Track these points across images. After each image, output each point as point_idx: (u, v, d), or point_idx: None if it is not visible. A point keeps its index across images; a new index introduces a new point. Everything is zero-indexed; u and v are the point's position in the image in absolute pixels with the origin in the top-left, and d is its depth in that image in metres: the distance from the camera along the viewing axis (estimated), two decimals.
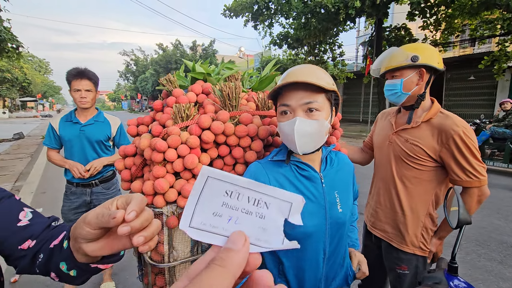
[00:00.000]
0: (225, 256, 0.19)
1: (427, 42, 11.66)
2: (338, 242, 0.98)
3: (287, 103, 0.85)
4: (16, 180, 5.33)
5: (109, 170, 2.17)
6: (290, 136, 0.84)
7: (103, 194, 2.13)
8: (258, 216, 0.26)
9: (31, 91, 36.58)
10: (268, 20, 12.90)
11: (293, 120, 0.83)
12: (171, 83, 1.19)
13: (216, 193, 0.25)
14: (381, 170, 1.47)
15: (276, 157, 0.96)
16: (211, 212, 0.25)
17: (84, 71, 1.96)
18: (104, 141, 2.10)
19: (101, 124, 2.10)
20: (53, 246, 0.57)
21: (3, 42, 9.77)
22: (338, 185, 0.99)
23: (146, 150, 0.99)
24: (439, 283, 0.82)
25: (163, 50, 33.30)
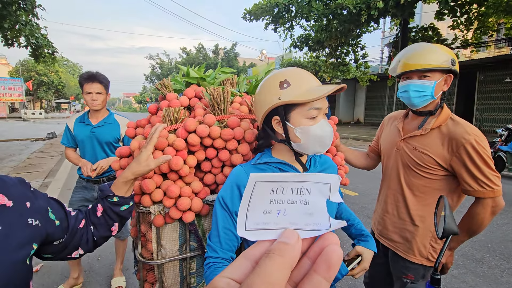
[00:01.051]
0: (283, 248, 0.21)
1: (457, 42, 11.06)
2: None
3: (319, 106, 0.86)
4: (46, 177, 5.72)
5: None
6: (325, 138, 0.88)
7: None
8: (303, 203, 0.27)
9: (65, 94, 39.10)
10: (289, 23, 12.87)
11: (323, 123, 0.88)
12: (166, 88, 1.24)
13: (264, 194, 0.27)
14: (388, 177, 1.42)
15: (259, 160, 0.96)
16: (261, 212, 0.27)
17: (95, 74, 2.05)
18: (113, 142, 2.17)
19: (111, 125, 2.18)
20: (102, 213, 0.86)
21: (40, 48, 10.55)
22: None
23: (136, 152, 1.04)
24: None
25: (186, 53, 34.28)
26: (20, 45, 9.89)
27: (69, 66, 47.72)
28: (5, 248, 0.61)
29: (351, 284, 2.44)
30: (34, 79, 31.54)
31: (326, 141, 0.88)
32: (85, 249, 0.83)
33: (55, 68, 32.73)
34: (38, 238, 0.68)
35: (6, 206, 0.63)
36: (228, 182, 0.94)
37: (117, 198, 0.86)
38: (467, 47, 11.10)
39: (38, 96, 34.75)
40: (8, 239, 0.61)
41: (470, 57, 14.16)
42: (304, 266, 0.22)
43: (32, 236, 0.66)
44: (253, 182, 0.27)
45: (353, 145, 10.60)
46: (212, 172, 1.13)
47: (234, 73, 1.45)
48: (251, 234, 0.26)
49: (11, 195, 0.64)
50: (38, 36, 10.04)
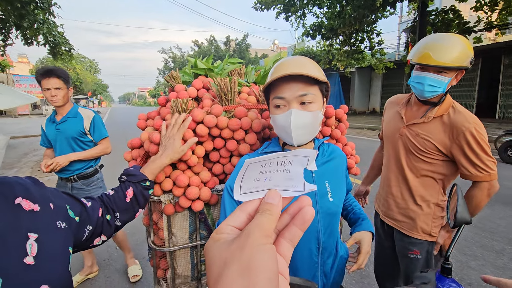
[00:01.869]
0: (270, 207, 0.29)
1: (480, 24, 10.45)
2: (332, 232, 0.97)
3: (282, 95, 0.85)
4: None
5: (88, 167, 2.16)
6: (286, 128, 0.85)
7: (83, 190, 2.15)
8: (285, 171, 0.34)
9: (83, 90, 40.26)
10: (301, 11, 12.58)
11: (289, 113, 0.83)
12: (174, 79, 1.26)
13: (254, 169, 0.34)
14: (391, 161, 1.48)
15: (266, 149, 0.98)
16: (252, 180, 0.34)
17: (53, 69, 1.95)
18: (78, 136, 2.08)
19: (73, 120, 2.08)
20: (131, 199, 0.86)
21: (58, 46, 10.87)
22: (329, 175, 0.98)
23: (145, 142, 1.06)
24: (427, 283, 0.78)
25: (198, 46, 34.32)
26: (38, 44, 10.22)
27: (85, 63, 48.99)
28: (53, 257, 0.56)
29: (363, 274, 2.43)
30: None
31: (288, 132, 0.85)
32: (107, 235, 0.82)
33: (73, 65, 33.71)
34: (71, 241, 0.65)
35: (34, 211, 0.57)
36: (235, 172, 0.95)
37: (149, 182, 0.89)
38: (492, 29, 10.46)
39: None
40: (51, 247, 0.56)
41: (494, 40, 13.36)
42: (285, 219, 0.30)
43: (66, 240, 0.63)
44: (246, 165, 0.33)
45: (368, 135, 10.38)
46: (220, 162, 1.15)
47: (242, 64, 1.45)
48: (245, 197, 0.33)
49: (35, 198, 0.59)
50: (55, 34, 10.33)
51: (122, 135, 11.80)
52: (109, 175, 2.54)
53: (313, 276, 0.96)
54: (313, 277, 0.96)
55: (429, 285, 0.76)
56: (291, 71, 0.81)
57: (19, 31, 9.46)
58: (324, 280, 0.98)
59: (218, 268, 0.26)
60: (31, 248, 0.52)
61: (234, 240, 0.27)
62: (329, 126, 1.27)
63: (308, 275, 0.96)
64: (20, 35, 9.70)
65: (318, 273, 0.97)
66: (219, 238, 0.28)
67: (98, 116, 2.19)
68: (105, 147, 2.20)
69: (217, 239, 0.29)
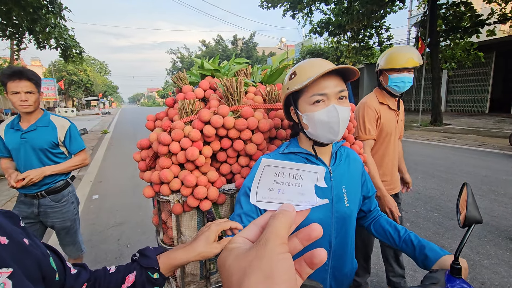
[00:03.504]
0: (284, 212, 0.30)
1: (494, 17, 10.14)
2: (345, 236, 0.97)
3: (323, 92, 0.85)
4: (79, 171, 6.11)
5: (58, 180, 1.91)
6: (331, 123, 0.85)
7: (51, 207, 1.89)
8: (297, 185, 0.36)
9: (93, 91, 41.05)
10: (307, 8, 12.49)
11: (332, 107, 0.84)
12: (182, 80, 1.27)
13: (269, 175, 0.36)
14: (389, 148, 1.84)
15: (287, 149, 0.97)
16: (267, 189, 0.36)
17: (23, 70, 1.69)
18: (49, 148, 1.83)
19: (45, 129, 1.83)
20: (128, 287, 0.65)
21: (69, 49, 11.12)
22: (346, 180, 0.98)
23: (154, 143, 1.08)
24: (436, 283, 0.77)
25: (206, 46, 34.49)
26: (50, 47, 10.49)
27: (96, 65, 49.90)
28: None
29: (373, 272, 2.41)
30: (65, 79, 33.41)
31: (334, 127, 0.85)
32: None
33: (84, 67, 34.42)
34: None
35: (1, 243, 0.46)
36: (254, 171, 0.93)
37: (158, 275, 0.66)
38: (506, 21, 10.14)
39: (69, 94, 36.84)
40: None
41: (509, 33, 12.95)
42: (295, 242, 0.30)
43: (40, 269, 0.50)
44: (263, 166, 0.35)
45: None
46: (227, 162, 1.16)
47: (248, 64, 1.45)
48: (259, 204, 0.35)
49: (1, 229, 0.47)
50: (66, 37, 10.57)
51: (132, 134, 12.00)
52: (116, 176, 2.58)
53: (322, 279, 0.96)
54: (322, 280, 0.96)
55: (438, 286, 0.75)
56: (333, 67, 0.83)
57: (32, 35, 9.72)
58: (334, 283, 0.98)
59: (238, 277, 0.26)
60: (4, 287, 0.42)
61: (251, 249, 0.27)
62: None
63: (318, 278, 0.96)
64: (33, 39, 9.97)
65: (328, 276, 0.97)
66: (234, 248, 0.29)
67: (74, 126, 1.98)
68: (83, 159, 1.98)
69: (231, 249, 0.29)
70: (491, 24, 10.06)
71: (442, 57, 11.11)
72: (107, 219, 3.66)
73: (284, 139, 1.21)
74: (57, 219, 1.93)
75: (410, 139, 8.81)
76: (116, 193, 4.65)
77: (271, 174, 0.36)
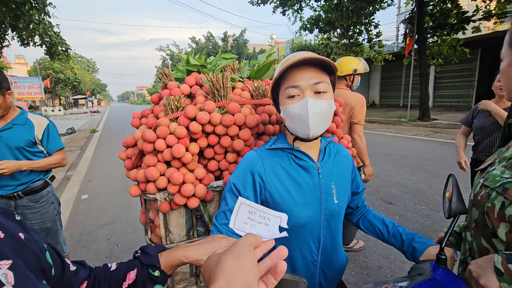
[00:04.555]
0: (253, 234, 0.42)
1: (479, 13, 10.35)
2: (334, 232, 0.97)
3: (296, 84, 0.82)
4: (68, 170, 5.98)
5: (37, 180, 1.86)
6: (302, 117, 0.82)
7: (29, 208, 1.83)
8: (265, 224, 0.49)
9: (81, 89, 40.16)
10: (297, 4, 12.48)
11: (304, 101, 0.81)
12: (167, 77, 1.25)
13: (245, 212, 0.49)
14: None
15: (274, 145, 0.94)
16: (242, 222, 0.49)
17: None
18: (25, 146, 1.78)
19: (21, 127, 1.77)
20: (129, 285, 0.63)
21: (54, 46, 10.82)
22: (335, 176, 0.96)
23: (139, 141, 1.06)
24: (422, 273, 0.78)
25: (196, 43, 34.14)
26: (35, 44, 10.19)
27: (83, 62, 48.75)
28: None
29: (362, 265, 2.44)
30: (52, 77, 32.54)
31: (305, 121, 0.82)
32: None
33: (70, 65, 33.58)
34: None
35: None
36: (241, 168, 0.91)
37: (159, 272, 0.65)
38: (490, 18, 10.38)
39: (56, 93, 35.94)
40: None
41: (493, 29, 13.25)
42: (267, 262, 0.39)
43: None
44: (239, 203, 0.50)
45: (368, 128, 10.36)
46: (215, 159, 1.14)
47: (235, 59, 1.44)
48: (236, 231, 0.49)
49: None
50: (51, 34, 10.29)
51: (121, 133, 11.80)
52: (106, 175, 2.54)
53: (311, 275, 0.96)
54: (311, 276, 0.97)
55: (424, 276, 0.76)
56: (305, 56, 0.80)
57: (15, 32, 9.42)
58: (323, 279, 0.99)
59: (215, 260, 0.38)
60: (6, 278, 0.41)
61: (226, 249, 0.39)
62: None
63: (307, 274, 0.96)
64: (16, 36, 9.67)
65: (317, 272, 0.97)
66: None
67: (53, 124, 1.93)
68: (61, 158, 1.93)
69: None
70: (476, 21, 10.27)
71: (430, 54, 11.29)
72: (97, 218, 3.60)
73: (272, 134, 1.20)
74: (36, 220, 1.87)
75: (399, 134, 8.96)
76: (106, 192, 4.58)
77: (246, 212, 0.50)
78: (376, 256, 2.57)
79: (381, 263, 2.47)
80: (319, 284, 0.99)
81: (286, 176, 0.91)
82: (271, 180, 0.89)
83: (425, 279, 0.74)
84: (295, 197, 0.89)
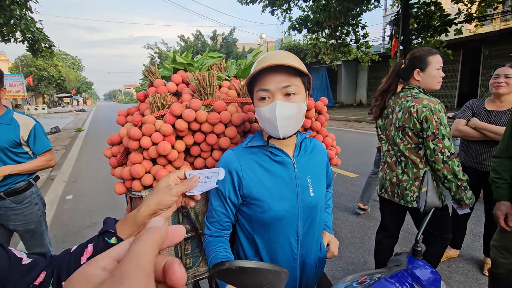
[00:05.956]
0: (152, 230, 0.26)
1: (461, 16, 10.70)
2: (311, 225, 1.00)
3: (266, 87, 0.86)
4: (52, 170, 5.82)
5: (19, 181, 1.80)
6: (271, 120, 0.86)
7: (12, 209, 1.79)
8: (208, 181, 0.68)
9: (66, 87, 39.05)
10: (286, 4, 12.54)
11: (273, 104, 0.85)
12: (153, 74, 1.25)
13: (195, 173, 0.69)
14: None
15: (250, 143, 0.99)
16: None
17: None
18: (10, 147, 1.72)
19: (6, 127, 1.71)
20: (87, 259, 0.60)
21: (37, 43, 10.48)
22: (310, 170, 1.01)
23: (124, 138, 1.06)
24: (399, 265, 0.82)
25: (184, 41, 33.76)
26: (16, 41, 9.82)
27: (68, 60, 47.37)
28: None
29: (348, 261, 2.50)
30: (34, 74, 31.48)
31: (274, 123, 0.85)
32: None
33: (54, 62, 32.60)
34: None
35: None
36: (219, 166, 0.97)
37: (116, 239, 0.63)
38: (471, 21, 10.74)
39: (39, 91, 34.80)
40: None
41: (474, 32, 13.72)
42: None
43: None
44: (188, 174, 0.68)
45: (356, 127, 10.55)
46: (201, 156, 1.15)
47: (222, 58, 1.45)
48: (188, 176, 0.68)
49: None
50: (34, 30, 9.95)
51: (108, 132, 11.56)
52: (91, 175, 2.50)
53: (292, 268, 0.99)
54: (292, 270, 0.99)
55: (401, 267, 0.80)
56: (274, 62, 0.83)
57: None
58: (302, 272, 1.02)
59: None
60: None
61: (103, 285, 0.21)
62: (309, 118, 1.30)
63: (287, 266, 0.98)
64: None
65: (297, 265, 1.00)
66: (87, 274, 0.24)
67: (39, 125, 1.88)
68: (48, 159, 1.89)
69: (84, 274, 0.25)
70: (458, 24, 10.61)
71: None
72: (83, 219, 3.53)
73: None
74: (20, 221, 1.83)
75: None
76: (92, 193, 4.49)
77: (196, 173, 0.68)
78: (362, 252, 2.64)
79: (366, 259, 2.53)
80: (300, 277, 1.02)
81: (262, 172, 0.95)
82: (248, 176, 0.94)
83: (401, 270, 0.78)
84: (271, 191, 0.93)
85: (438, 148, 1.50)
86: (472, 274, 2.27)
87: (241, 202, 0.98)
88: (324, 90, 19.51)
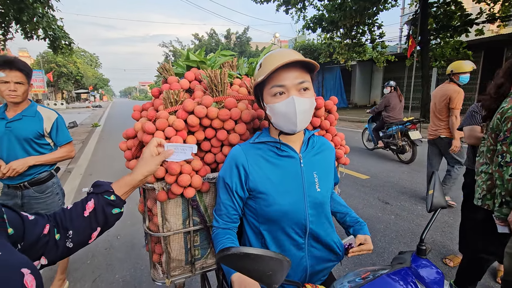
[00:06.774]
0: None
1: (482, 16, 10.34)
2: (319, 220, 1.01)
3: (281, 83, 0.88)
4: (69, 163, 6.05)
5: (42, 171, 1.90)
6: (289, 114, 0.88)
7: (35, 198, 1.89)
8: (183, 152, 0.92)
9: (84, 84, 40.22)
10: (301, 3, 12.47)
11: (291, 99, 0.87)
12: (167, 71, 1.29)
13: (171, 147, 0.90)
14: None
15: (257, 139, 1.02)
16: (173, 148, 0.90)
17: (14, 60, 1.69)
18: (34, 138, 1.82)
19: (31, 119, 1.82)
20: (90, 213, 0.72)
21: (58, 40, 10.85)
22: (317, 166, 1.03)
23: (139, 132, 1.11)
24: (403, 263, 0.82)
25: (198, 40, 34.06)
26: (38, 38, 10.21)
27: (86, 57, 48.79)
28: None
29: (356, 262, 2.49)
30: (54, 71, 32.63)
31: (292, 118, 0.88)
32: (50, 259, 0.66)
33: (73, 59, 33.64)
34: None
35: None
36: (227, 162, 1.00)
37: (114, 196, 0.76)
38: (494, 21, 10.35)
39: (59, 87, 36.05)
40: None
41: (497, 32, 13.21)
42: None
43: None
44: (167, 146, 0.90)
45: None
46: (211, 152, 1.19)
47: (234, 56, 1.48)
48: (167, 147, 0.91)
49: None
50: (55, 27, 10.31)
51: (123, 128, 11.85)
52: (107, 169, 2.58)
53: (300, 257, 1.01)
54: (300, 258, 1.01)
55: (404, 265, 0.81)
56: (292, 58, 0.85)
57: (18, 25, 9.45)
58: (312, 261, 1.03)
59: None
60: None
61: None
62: (318, 117, 1.31)
63: (294, 259, 1.00)
64: (20, 29, 9.69)
65: (305, 254, 1.01)
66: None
67: (61, 118, 1.97)
68: (68, 151, 1.98)
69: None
70: (480, 24, 10.25)
71: (432, 55, 11.28)
72: None
73: None
74: (42, 210, 1.92)
75: None
76: None
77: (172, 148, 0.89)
78: (370, 254, 2.62)
79: (374, 261, 2.52)
80: (308, 267, 1.03)
81: (268, 166, 0.98)
82: (254, 171, 0.96)
83: (404, 267, 0.79)
84: (277, 185, 0.95)
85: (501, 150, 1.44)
86: (484, 281, 2.22)
87: (248, 196, 1.00)
88: (338, 91, 19.28)
